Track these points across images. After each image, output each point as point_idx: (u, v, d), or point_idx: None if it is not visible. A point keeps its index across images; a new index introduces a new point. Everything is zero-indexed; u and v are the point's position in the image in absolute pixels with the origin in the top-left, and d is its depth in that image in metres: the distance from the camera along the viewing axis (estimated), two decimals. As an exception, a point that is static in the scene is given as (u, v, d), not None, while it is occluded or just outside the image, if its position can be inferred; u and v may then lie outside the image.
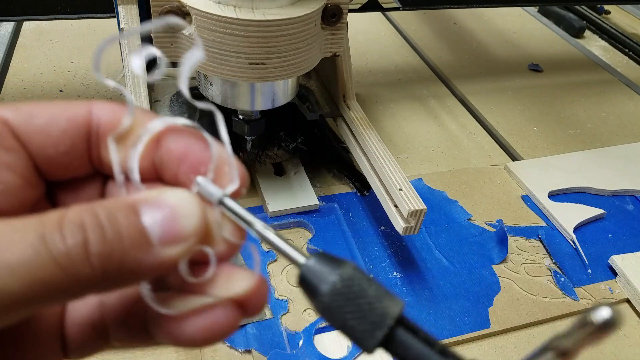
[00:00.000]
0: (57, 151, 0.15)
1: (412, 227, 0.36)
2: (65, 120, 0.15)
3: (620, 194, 0.49)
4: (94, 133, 0.15)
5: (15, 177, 0.15)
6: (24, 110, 0.15)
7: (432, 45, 0.71)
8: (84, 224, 0.13)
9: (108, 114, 0.16)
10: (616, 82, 0.69)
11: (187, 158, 0.15)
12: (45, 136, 0.15)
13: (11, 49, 0.58)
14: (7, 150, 0.14)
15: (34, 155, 0.15)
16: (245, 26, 0.32)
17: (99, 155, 0.16)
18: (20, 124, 0.15)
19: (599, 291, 0.39)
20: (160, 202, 0.14)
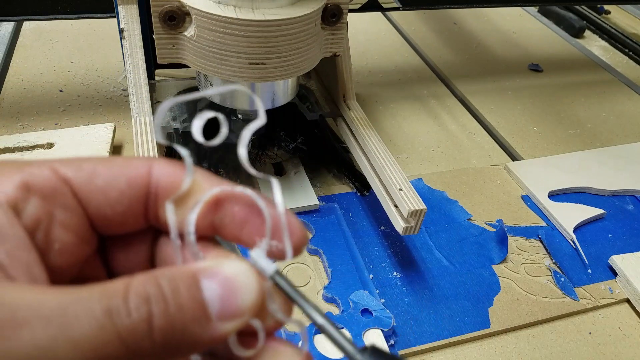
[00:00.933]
0: (114, 211, 0.15)
1: (412, 227, 0.36)
2: (125, 181, 0.15)
3: (620, 194, 0.49)
4: (152, 193, 0.16)
5: (71, 235, 0.15)
6: (85, 169, 0.15)
7: (432, 45, 0.71)
8: (148, 296, 0.13)
9: (168, 175, 0.16)
10: (616, 82, 0.69)
11: (250, 222, 0.16)
12: (104, 196, 0.15)
13: (11, 48, 0.58)
14: (65, 210, 0.15)
15: (90, 214, 0.15)
16: (245, 26, 0.32)
17: (155, 214, 0.16)
18: (81, 183, 0.15)
19: (598, 291, 0.39)
20: (219, 274, 0.14)
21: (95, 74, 0.56)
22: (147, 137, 0.36)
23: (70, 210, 0.15)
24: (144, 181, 0.15)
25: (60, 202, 0.14)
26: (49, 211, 0.14)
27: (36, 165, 0.14)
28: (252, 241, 0.15)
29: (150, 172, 0.16)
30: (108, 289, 0.12)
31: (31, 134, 0.44)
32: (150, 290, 0.13)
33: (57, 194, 0.14)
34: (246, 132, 0.15)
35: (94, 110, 0.51)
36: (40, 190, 0.14)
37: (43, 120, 0.48)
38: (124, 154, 0.46)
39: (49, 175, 0.14)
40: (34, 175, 0.14)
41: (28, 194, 0.14)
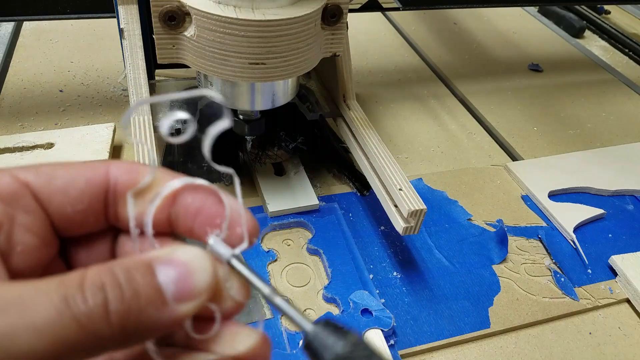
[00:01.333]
0: (74, 210, 0.16)
1: (412, 227, 0.36)
2: (84, 180, 0.16)
3: (620, 194, 0.49)
4: (111, 191, 0.16)
5: (33, 237, 0.15)
6: (44, 172, 0.16)
7: (432, 45, 0.71)
8: (103, 284, 0.13)
9: (125, 173, 0.16)
10: (616, 82, 0.69)
11: (202, 212, 0.16)
12: (64, 196, 0.16)
13: (11, 48, 0.58)
14: (26, 212, 0.15)
15: (51, 215, 0.16)
16: (245, 26, 0.32)
17: (115, 212, 0.16)
18: (40, 185, 0.15)
19: (599, 291, 0.39)
20: (174, 260, 0.14)
21: (95, 74, 0.56)
22: (147, 137, 0.36)
23: (31, 213, 0.15)
24: (103, 180, 0.16)
25: (21, 206, 0.15)
26: (10, 215, 0.15)
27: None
28: (204, 232, 0.16)
29: (108, 171, 0.16)
30: (64, 279, 0.13)
31: (31, 134, 0.44)
32: (105, 279, 0.13)
33: (18, 198, 0.15)
34: (212, 129, 0.15)
35: (94, 110, 0.51)
36: (2, 197, 0.15)
37: (43, 120, 0.48)
38: (123, 153, 0.46)
39: (9, 181, 0.15)
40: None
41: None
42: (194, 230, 0.16)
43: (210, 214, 0.16)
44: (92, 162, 0.16)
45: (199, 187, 0.16)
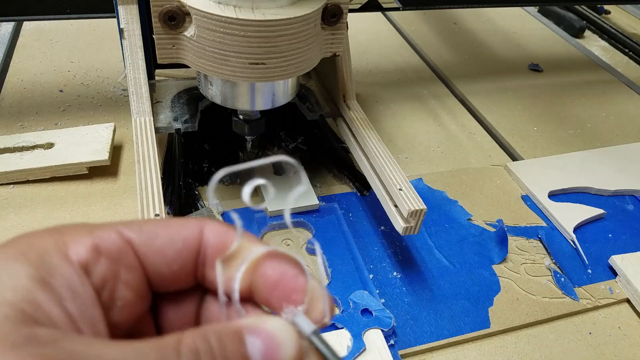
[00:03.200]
0: (169, 270, 0.17)
1: (412, 227, 0.36)
2: (181, 241, 0.17)
3: (620, 194, 0.49)
4: (202, 254, 0.17)
5: (132, 293, 0.16)
6: (147, 231, 0.16)
7: (432, 45, 0.71)
8: (198, 350, 0.14)
9: (216, 236, 0.17)
10: (616, 82, 0.69)
11: (280, 285, 0.17)
12: (162, 256, 0.16)
13: (11, 48, 0.58)
14: (128, 269, 0.16)
15: (149, 272, 0.16)
16: (245, 26, 0.32)
17: (203, 273, 0.17)
18: (142, 244, 0.16)
19: (599, 291, 0.39)
20: (262, 330, 0.15)
21: (95, 74, 0.56)
22: (147, 137, 0.36)
23: (132, 270, 0.16)
24: (197, 241, 0.17)
25: (125, 263, 0.16)
26: (115, 271, 0.16)
27: (104, 229, 0.16)
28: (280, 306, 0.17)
29: (202, 232, 0.17)
30: (162, 343, 0.14)
31: (31, 134, 0.44)
32: (200, 345, 0.14)
33: (122, 256, 0.16)
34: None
35: (94, 110, 0.51)
36: (108, 252, 0.16)
37: (43, 120, 0.48)
38: (123, 154, 0.46)
39: (116, 239, 0.16)
40: (102, 239, 0.16)
41: (98, 256, 0.15)
42: (271, 303, 0.17)
43: (289, 288, 0.17)
44: (189, 220, 0.17)
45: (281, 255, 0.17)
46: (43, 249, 0.15)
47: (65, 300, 0.14)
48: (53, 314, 0.14)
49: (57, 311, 0.14)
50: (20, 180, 0.41)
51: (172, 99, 0.44)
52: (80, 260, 0.15)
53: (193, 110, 0.42)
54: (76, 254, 0.15)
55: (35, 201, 0.40)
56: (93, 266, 0.15)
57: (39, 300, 0.14)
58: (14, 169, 0.41)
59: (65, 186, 0.42)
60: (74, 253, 0.15)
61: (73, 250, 0.15)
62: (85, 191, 0.42)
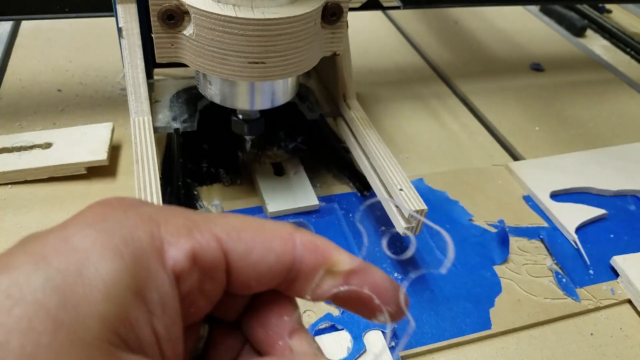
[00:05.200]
0: (258, 283, 0.15)
1: (413, 228, 0.35)
2: (275, 257, 0.15)
3: (622, 194, 0.49)
4: (294, 269, 0.16)
5: (207, 303, 0.15)
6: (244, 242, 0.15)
7: (432, 44, 0.71)
8: None
9: (311, 253, 0.16)
10: (618, 82, 0.69)
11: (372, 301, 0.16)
12: (253, 271, 0.15)
13: (9, 48, 0.58)
14: (213, 281, 0.14)
15: (234, 283, 0.15)
16: (244, 25, 0.32)
17: (290, 285, 0.16)
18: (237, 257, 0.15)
19: (600, 292, 0.39)
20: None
21: (93, 73, 0.56)
22: (146, 137, 0.36)
23: (217, 282, 0.15)
24: (290, 257, 0.15)
25: (214, 276, 0.14)
26: (202, 283, 0.14)
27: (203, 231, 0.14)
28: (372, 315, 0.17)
29: (294, 246, 0.16)
30: None
31: (29, 134, 0.44)
32: None
33: (216, 269, 0.14)
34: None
35: (92, 109, 0.50)
36: (203, 265, 0.14)
37: (41, 120, 0.48)
38: (122, 154, 0.46)
39: (215, 250, 0.14)
40: (202, 246, 0.14)
41: (193, 267, 0.14)
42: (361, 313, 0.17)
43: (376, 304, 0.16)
44: (281, 229, 0.16)
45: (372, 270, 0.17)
46: (140, 247, 0.13)
47: (155, 317, 0.13)
48: (143, 335, 0.12)
49: (146, 331, 0.12)
50: (18, 180, 0.41)
51: (171, 99, 0.43)
52: (175, 269, 0.13)
53: (192, 109, 0.42)
54: (173, 260, 0.13)
55: (33, 201, 0.40)
56: (185, 276, 0.14)
57: (133, 318, 0.12)
58: (12, 169, 0.40)
59: (63, 186, 0.41)
60: (170, 258, 0.13)
61: (170, 254, 0.13)
62: (83, 191, 0.42)
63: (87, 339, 0.11)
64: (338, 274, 0.16)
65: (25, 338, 0.10)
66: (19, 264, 0.12)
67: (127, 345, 0.12)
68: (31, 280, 0.11)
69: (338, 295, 0.16)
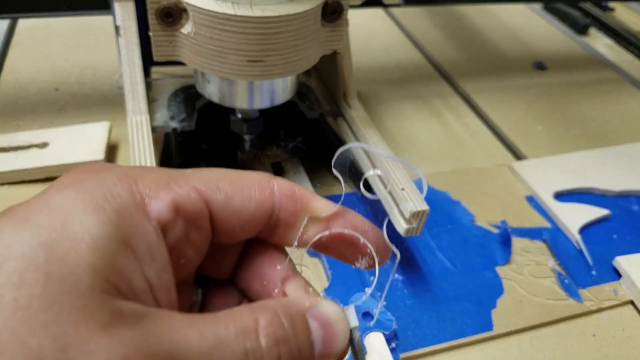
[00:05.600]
0: (242, 230, 0.16)
1: (414, 228, 0.35)
2: (255, 204, 0.16)
3: (626, 194, 0.48)
4: (274, 216, 0.17)
5: (195, 252, 0.15)
6: (223, 191, 0.15)
7: (434, 42, 0.70)
8: (277, 338, 0.14)
9: (288, 199, 0.17)
10: (621, 81, 0.68)
11: (355, 242, 0.17)
12: (236, 219, 0.16)
13: (6, 46, 0.58)
14: (199, 230, 0.15)
15: (216, 231, 0.16)
16: (243, 23, 0.31)
17: (271, 229, 0.17)
18: (219, 207, 0.15)
19: (603, 293, 0.39)
20: (323, 316, 0.15)
21: (91, 72, 0.55)
22: (143, 136, 0.35)
23: (202, 230, 0.15)
24: (269, 204, 0.16)
25: (199, 225, 0.15)
26: (188, 232, 0.15)
27: (182, 184, 0.15)
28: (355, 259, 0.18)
29: (273, 193, 0.16)
30: (242, 326, 0.13)
31: (26, 133, 0.43)
32: (277, 332, 0.14)
33: (199, 218, 0.15)
34: None
35: (89, 108, 0.50)
36: (186, 214, 0.15)
37: (39, 119, 0.48)
38: (119, 153, 0.45)
39: (196, 200, 0.15)
40: (183, 197, 0.15)
41: (177, 217, 0.14)
42: (346, 257, 0.17)
43: (361, 244, 0.17)
44: (258, 176, 0.16)
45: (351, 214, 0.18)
46: (121, 202, 0.13)
47: (144, 265, 0.13)
48: (135, 282, 0.13)
49: (138, 279, 0.13)
50: (15, 180, 0.41)
51: (169, 98, 0.43)
52: (160, 220, 0.14)
53: (190, 109, 0.41)
54: (156, 211, 0.14)
55: (30, 201, 0.40)
56: (170, 227, 0.14)
57: (123, 266, 0.12)
58: (8, 169, 0.40)
59: (61, 186, 0.41)
60: (153, 210, 0.14)
61: (152, 207, 0.14)
62: (81, 191, 0.41)
63: (78, 287, 0.11)
64: (320, 220, 0.17)
65: (18, 291, 0.11)
66: (2, 226, 0.12)
67: (120, 292, 0.12)
68: (16, 238, 0.12)
69: (322, 241, 0.17)
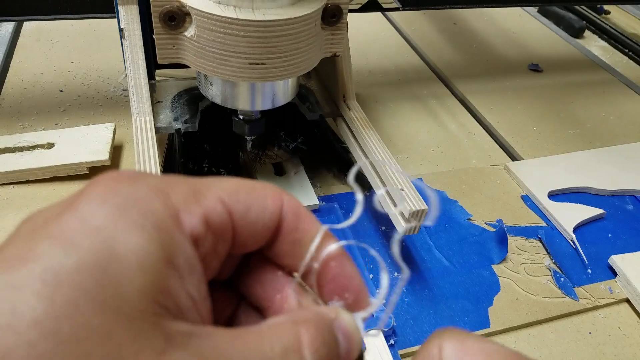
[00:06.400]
0: (254, 241, 0.16)
1: (413, 228, 0.36)
2: (268, 216, 0.16)
3: (620, 194, 0.49)
4: (279, 228, 0.17)
5: (218, 264, 0.15)
6: (242, 202, 0.15)
7: (432, 45, 0.71)
8: (320, 357, 0.14)
9: (293, 216, 0.17)
10: (616, 82, 0.69)
11: (337, 279, 0.17)
12: (252, 229, 0.16)
13: (11, 49, 0.58)
14: (224, 242, 0.15)
15: (236, 243, 0.16)
16: (245, 26, 0.32)
17: (271, 245, 0.17)
18: (239, 217, 0.15)
19: (598, 291, 0.39)
20: (343, 327, 0.15)
21: (95, 74, 0.56)
22: (147, 137, 0.36)
23: (226, 243, 0.15)
24: (278, 216, 0.16)
25: (224, 237, 0.15)
26: (216, 245, 0.15)
27: (209, 197, 0.15)
28: (329, 298, 0.17)
29: (282, 206, 0.16)
30: (287, 346, 0.13)
31: (31, 134, 0.44)
32: (320, 350, 0.14)
33: (224, 231, 0.15)
34: None
35: (94, 110, 0.51)
36: (214, 227, 0.15)
37: (43, 121, 0.48)
38: (124, 154, 0.46)
39: (222, 212, 0.15)
40: (211, 210, 0.15)
41: (207, 231, 0.14)
42: (324, 294, 0.17)
43: (343, 283, 0.17)
44: (269, 189, 0.16)
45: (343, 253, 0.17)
46: (159, 217, 0.13)
47: (186, 281, 0.13)
48: (180, 300, 0.13)
49: (183, 296, 0.13)
50: (20, 180, 0.41)
51: (173, 99, 0.44)
52: (193, 234, 0.14)
53: (193, 110, 0.42)
54: (190, 225, 0.14)
55: (35, 201, 0.40)
56: (202, 242, 0.14)
57: (169, 285, 0.12)
58: (14, 169, 0.41)
59: (65, 186, 0.42)
60: (187, 224, 0.14)
61: (186, 221, 0.14)
62: (85, 191, 0.42)
63: (132, 313, 0.11)
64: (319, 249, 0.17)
65: (75, 322, 0.11)
66: (45, 250, 0.11)
67: (169, 313, 0.12)
68: (64, 264, 0.11)
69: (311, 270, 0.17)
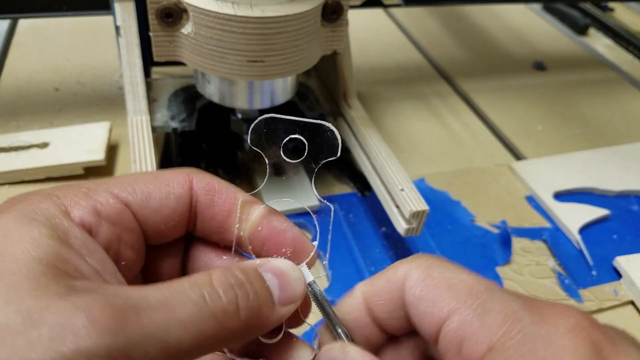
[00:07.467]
0: (167, 226, 0.17)
1: (414, 229, 0.35)
2: (175, 199, 0.17)
3: (626, 194, 0.48)
4: (193, 208, 0.18)
5: (133, 253, 0.17)
6: (139, 192, 0.17)
7: (434, 42, 0.70)
8: (231, 283, 0.15)
9: (205, 193, 0.18)
10: (621, 81, 0.68)
11: (272, 239, 0.18)
12: (158, 215, 0.17)
13: (6, 46, 0.58)
14: (129, 231, 0.17)
15: (146, 231, 0.17)
16: (243, 23, 0.31)
17: (194, 223, 0.18)
18: (138, 206, 0.17)
19: (603, 293, 0.39)
20: (275, 268, 0.17)
21: (91, 72, 0.55)
22: (144, 136, 0.35)
23: (132, 231, 0.17)
24: (188, 196, 0.18)
25: (125, 225, 0.16)
26: (117, 234, 0.16)
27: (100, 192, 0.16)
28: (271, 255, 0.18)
29: (191, 186, 0.18)
30: (195, 280, 0.14)
31: (27, 133, 0.43)
32: (231, 279, 0.15)
33: (122, 219, 0.16)
34: None
35: (90, 109, 0.50)
36: (108, 217, 0.16)
37: (39, 119, 0.48)
38: (120, 153, 0.45)
39: (115, 203, 0.16)
40: (101, 203, 0.16)
41: (99, 219, 0.16)
42: (262, 253, 0.18)
43: (278, 241, 0.18)
44: (177, 174, 0.18)
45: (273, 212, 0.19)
46: (48, 213, 0.15)
47: (85, 256, 0.14)
48: (81, 267, 0.14)
49: (84, 265, 0.14)
50: (14, 180, 0.41)
51: (169, 98, 0.43)
52: (84, 223, 0.15)
53: (190, 109, 0.41)
54: (79, 217, 0.15)
55: (30, 202, 0.40)
56: (96, 229, 0.16)
57: (66, 255, 0.14)
58: (8, 169, 0.40)
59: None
60: (76, 216, 0.15)
61: (75, 214, 0.15)
62: (81, 191, 0.41)
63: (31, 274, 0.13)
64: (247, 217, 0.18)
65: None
66: None
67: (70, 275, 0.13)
68: None
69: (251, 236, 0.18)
